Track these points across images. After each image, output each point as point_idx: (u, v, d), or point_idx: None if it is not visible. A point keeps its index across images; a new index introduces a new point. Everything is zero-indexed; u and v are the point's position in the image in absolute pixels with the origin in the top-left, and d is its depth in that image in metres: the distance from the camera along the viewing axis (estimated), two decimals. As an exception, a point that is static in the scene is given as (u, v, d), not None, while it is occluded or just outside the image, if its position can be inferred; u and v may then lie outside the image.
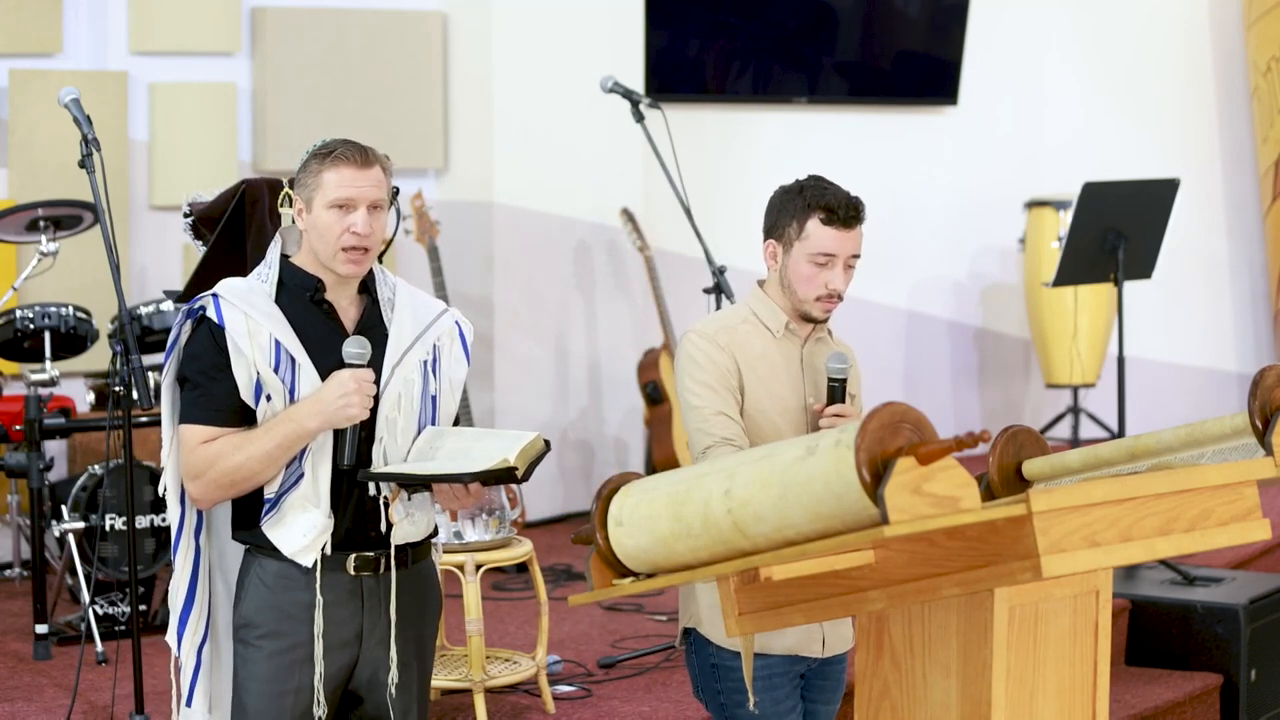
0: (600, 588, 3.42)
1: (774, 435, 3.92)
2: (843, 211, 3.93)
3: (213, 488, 3.61)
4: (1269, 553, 7.06)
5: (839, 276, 3.95)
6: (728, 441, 3.87)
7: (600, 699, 5.33)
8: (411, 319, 3.76)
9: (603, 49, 7.69)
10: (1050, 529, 2.96)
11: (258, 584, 3.67)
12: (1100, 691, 3.32)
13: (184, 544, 3.71)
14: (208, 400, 3.61)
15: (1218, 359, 9.43)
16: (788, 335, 4.01)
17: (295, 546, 3.63)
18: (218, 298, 3.63)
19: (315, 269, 3.69)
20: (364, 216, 3.63)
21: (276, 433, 3.57)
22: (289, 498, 3.63)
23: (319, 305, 3.68)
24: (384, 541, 3.70)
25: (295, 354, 3.62)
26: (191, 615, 3.72)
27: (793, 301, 3.98)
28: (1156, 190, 6.84)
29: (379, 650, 3.72)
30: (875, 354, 8.61)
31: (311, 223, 3.65)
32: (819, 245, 3.93)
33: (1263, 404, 3.29)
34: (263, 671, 3.66)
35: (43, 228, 6.02)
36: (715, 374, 3.93)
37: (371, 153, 3.67)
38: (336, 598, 3.66)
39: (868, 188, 8.63)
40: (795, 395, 3.98)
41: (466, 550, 5.03)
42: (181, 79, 7.23)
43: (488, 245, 7.65)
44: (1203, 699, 6.13)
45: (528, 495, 6.99)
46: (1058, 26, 9.18)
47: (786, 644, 3.95)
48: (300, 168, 3.69)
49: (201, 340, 3.63)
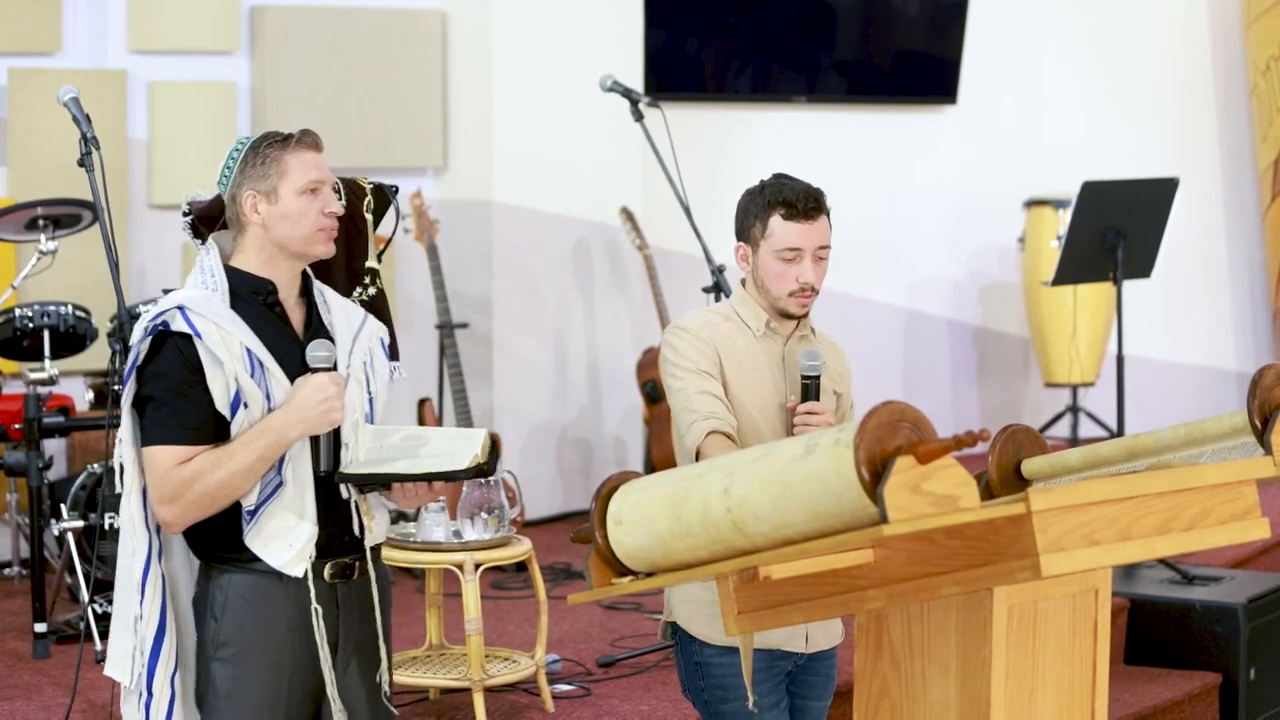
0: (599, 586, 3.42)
1: (753, 433, 3.93)
2: (802, 204, 3.94)
3: (192, 509, 3.49)
4: (1268, 552, 7.06)
5: (809, 269, 3.95)
6: (713, 416, 3.87)
7: (599, 698, 5.33)
8: (345, 321, 3.72)
9: (602, 48, 7.69)
10: (1049, 528, 2.95)
11: (236, 600, 3.56)
12: (1099, 690, 3.32)
13: (154, 571, 3.56)
14: (179, 419, 3.49)
15: (1217, 358, 9.43)
16: (769, 334, 4.01)
17: (284, 558, 3.54)
18: (184, 309, 3.52)
19: (264, 270, 3.61)
20: (333, 195, 3.62)
21: (257, 445, 3.48)
22: (268, 508, 3.54)
23: (271, 309, 3.61)
24: (357, 546, 3.65)
25: (265, 360, 3.54)
26: (164, 644, 3.58)
27: (769, 300, 3.99)
28: (1156, 189, 6.84)
29: (356, 656, 3.67)
30: (874, 353, 8.62)
31: (279, 212, 3.57)
32: (783, 241, 3.94)
33: (1262, 403, 3.29)
34: (249, 689, 3.57)
35: (42, 226, 6.02)
36: (697, 359, 3.93)
37: (318, 136, 3.66)
38: (319, 606, 3.59)
39: (867, 187, 8.75)
40: (776, 393, 3.98)
41: (465, 549, 5.03)
42: (181, 78, 7.23)
43: (487, 244, 7.65)
44: (1202, 698, 6.13)
45: (527, 494, 6.99)
46: (1057, 25, 9.18)
47: (769, 640, 3.94)
48: (248, 161, 3.59)
49: (168, 356, 3.50)
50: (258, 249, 3.61)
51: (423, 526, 5.12)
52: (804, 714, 4.08)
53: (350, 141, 7.50)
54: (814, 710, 4.10)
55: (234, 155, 3.62)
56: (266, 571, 3.56)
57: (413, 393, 7.28)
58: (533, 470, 7.62)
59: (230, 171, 3.62)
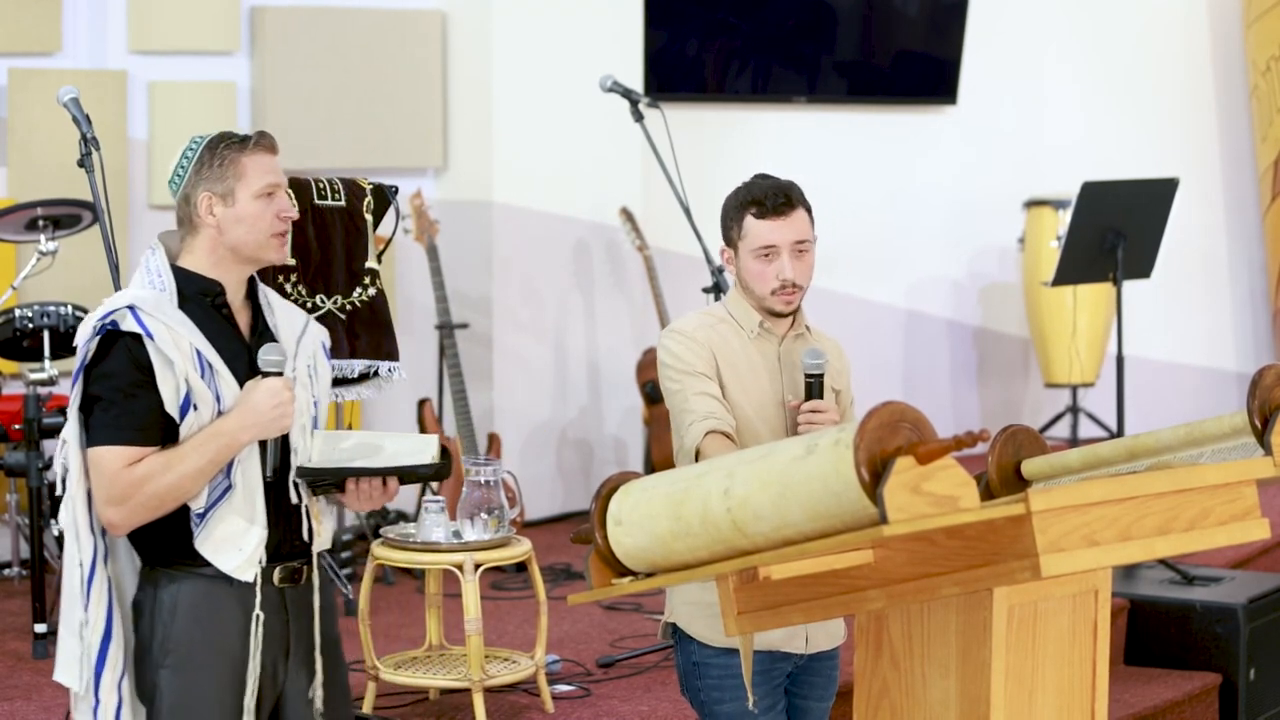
0: (599, 587, 3.42)
1: (750, 433, 3.93)
2: (770, 201, 3.96)
3: (140, 511, 3.44)
4: (1268, 552, 7.05)
5: (788, 265, 3.96)
6: (711, 416, 3.88)
7: (599, 698, 5.33)
8: (289, 324, 3.68)
9: (602, 48, 7.69)
10: (1049, 528, 2.95)
11: (185, 606, 3.50)
12: (1099, 691, 3.32)
13: (99, 576, 3.50)
14: (128, 419, 3.43)
15: (1217, 358, 9.43)
16: (763, 334, 4.02)
17: (235, 563, 3.50)
18: (135, 309, 3.46)
19: (213, 272, 3.57)
20: (287, 200, 3.59)
21: (208, 448, 3.44)
22: (216, 512, 3.49)
23: (219, 311, 3.57)
24: (305, 550, 3.62)
25: (214, 362, 3.50)
26: (111, 649, 3.51)
27: (756, 300, 4.00)
28: (1156, 189, 6.84)
29: (306, 661, 3.63)
30: (874, 353, 8.61)
31: (235, 215, 3.54)
32: (758, 239, 3.96)
33: (1262, 403, 3.29)
34: (200, 696, 3.51)
35: (42, 227, 6.02)
36: (693, 362, 3.94)
37: (274, 138, 3.62)
38: (267, 612, 3.54)
39: (867, 187, 8.75)
40: (773, 393, 3.99)
41: (465, 549, 5.03)
42: (181, 78, 7.23)
43: (487, 244, 7.65)
44: (1202, 698, 6.13)
45: (527, 495, 6.99)
46: (1057, 26, 9.18)
47: (769, 641, 3.94)
48: (204, 162, 3.54)
49: (117, 356, 3.45)
50: (209, 251, 3.57)
51: (422, 527, 5.11)
52: (806, 714, 4.08)
53: (350, 141, 7.50)
54: (816, 711, 4.10)
55: (188, 154, 3.58)
56: (216, 576, 3.51)
57: (413, 393, 7.28)
58: (533, 470, 7.62)
59: (185, 171, 3.58)
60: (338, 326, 4.61)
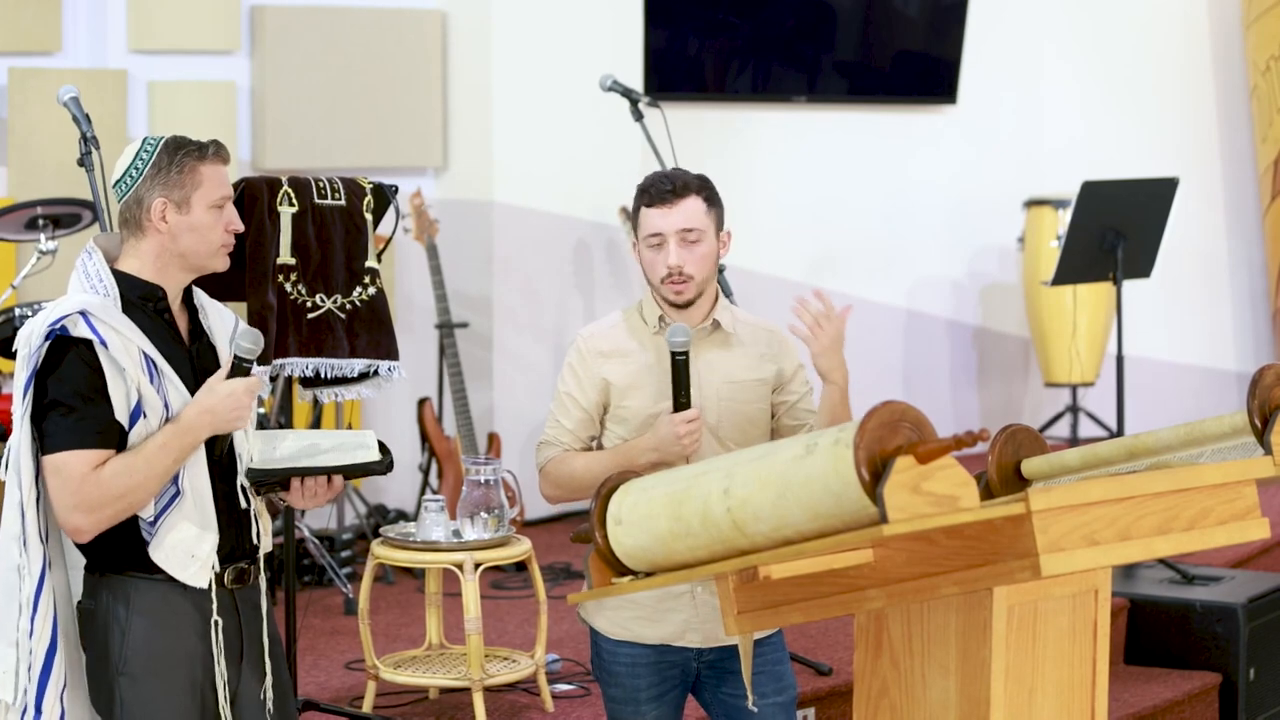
0: (599, 586, 3.42)
1: (645, 429, 3.99)
2: (655, 189, 4.00)
3: (109, 516, 3.38)
4: (1268, 552, 7.05)
5: (673, 252, 3.98)
6: (558, 443, 4.06)
7: (599, 698, 5.32)
8: (221, 326, 3.65)
9: (602, 48, 7.69)
10: (1049, 528, 2.96)
11: (140, 613, 3.46)
12: (1099, 690, 3.32)
13: (46, 586, 3.43)
14: (90, 423, 3.37)
15: (1217, 358, 9.43)
16: (664, 329, 4.03)
17: (188, 570, 3.47)
18: (86, 315, 3.39)
19: (156, 277, 3.51)
20: (234, 212, 3.57)
21: (172, 448, 3.40)
22: (167, 519, 3.45)
23: (161, 315, 3.52)
24: (252, 552, 3.60)
25: (162, 368, 3.46)
26: (55, 661, 3.44)
27: (658, 292, 4.04)
28: (1155, 189, 6.84)
29: (257, 663, 3.61)
30: (874, 353, 8.61)
31: (189, 223, 3.49)
32: (646, 228, 4.02)
33: (1261, 403, 3.29)
34: (163, 703, 3.47)
35: (42, 226, 6.02)
36: (571, 386, 4.07)
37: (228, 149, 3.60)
38: (222, 615, 3.53)
39: (867, 187, 8.75)
40: (667, 392, 3.99)
41: (465, 549, 5.02)
42: (181, 77, 7.22)
43: (487, 244, 7.65)
44: (1202, 698, 6.13)
45: (527, 494, 6.98)
46: (1057, 25, 9.18)
47: (660, 634, 4.01)
48: (160, 166, 3.48)
49: (72, 362, 3.38)
50: (155, 256, 3.51)
51: (422, 526, 5.11)
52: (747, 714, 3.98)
53: (350, 141, 7.50)
54: (768, 709, 4.02)
55: (142, 156, 3.51)
56: (169, 581, 3.48)
57: (412, 393, 7.28)
58: (533, 470, 7.54)
59: (138, 173, 3.50)
60: (337, 325, 4.61)
